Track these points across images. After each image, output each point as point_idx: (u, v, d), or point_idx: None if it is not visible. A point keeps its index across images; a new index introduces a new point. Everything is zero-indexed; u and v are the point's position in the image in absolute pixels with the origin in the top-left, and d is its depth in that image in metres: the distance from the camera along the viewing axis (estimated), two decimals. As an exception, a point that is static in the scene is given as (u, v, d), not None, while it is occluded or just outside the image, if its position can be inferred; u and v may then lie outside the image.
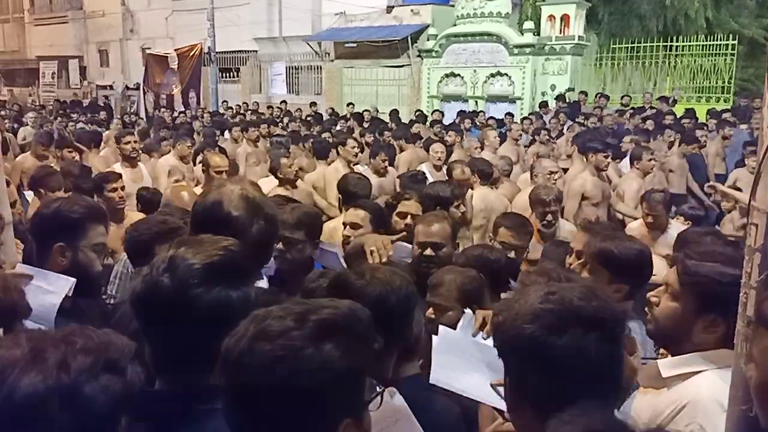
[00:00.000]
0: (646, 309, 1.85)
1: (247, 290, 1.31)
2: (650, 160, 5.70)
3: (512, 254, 3.02)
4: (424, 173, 5.13)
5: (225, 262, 1.28)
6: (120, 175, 4.34)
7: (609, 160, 5.50)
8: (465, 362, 1.73)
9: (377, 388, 1.11)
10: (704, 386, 1.62)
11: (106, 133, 8.65)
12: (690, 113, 10.36)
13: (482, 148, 7.21)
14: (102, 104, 18.80)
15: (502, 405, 1.42)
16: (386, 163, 6.05)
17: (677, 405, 1.63)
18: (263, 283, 2.46)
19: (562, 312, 1.16)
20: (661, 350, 2.04)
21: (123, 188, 4.14)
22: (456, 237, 2.93)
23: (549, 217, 3.94)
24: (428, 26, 15.05)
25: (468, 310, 1.91)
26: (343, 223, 3.14)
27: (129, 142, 5.58)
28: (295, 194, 4.74)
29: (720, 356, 1.64)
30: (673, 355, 1.75)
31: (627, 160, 7.04)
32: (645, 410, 1.70)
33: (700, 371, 1.66)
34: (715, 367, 1.65)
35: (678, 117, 10.19)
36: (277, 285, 2.56)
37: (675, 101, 11.85)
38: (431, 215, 3.05)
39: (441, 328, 1.77)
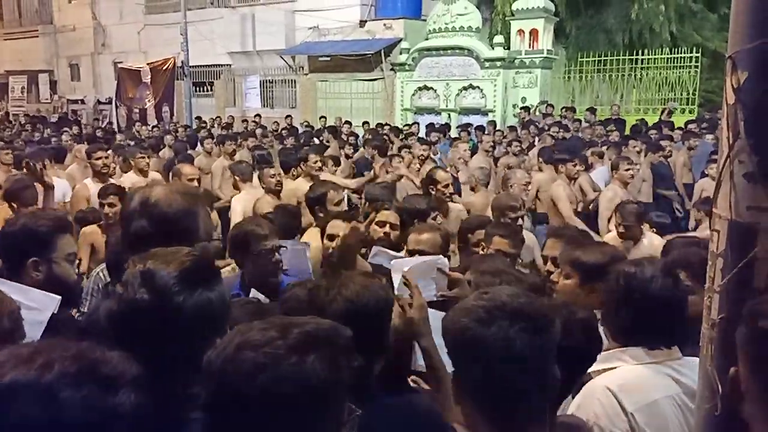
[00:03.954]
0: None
1: (221, 288, 1.33)
2: (627, 170, 5.82)
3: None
4: (393, 183, 5.17)
5: (197, 265, 1.30)
6: (118, 188, 4.28)
7: (578, 168, 5.62)
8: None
9: (354, 408, 1.13)
10: (605, 376, 1.73)
11: (75, 148, 8.49)
12: (670, 124, 10.60)
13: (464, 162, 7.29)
14: (71, 119, 18.55)
15: None
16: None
17: (583, 397, 1.73)
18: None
19: (490, 307, 1.25)
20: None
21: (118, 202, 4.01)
22: (447, 249, 2.98)
23: (520, 221, 4.00)
24: (401, 40, 15.19)
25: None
26: (328, 235, 3.13)
27: (100, 158, 5.44)
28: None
29: (637, 354, 1.77)
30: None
31: (599, 170, 7.21)
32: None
33: (617, 366, 1.77)
34: (634, 363, 1.76)
35: (644, 129, 10.46)
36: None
37: (671, 113, 12.10)
38: (425, 226, 3.14)
39: (429, 311, 1.80)
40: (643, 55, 13.98)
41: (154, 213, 1.67)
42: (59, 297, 1.90)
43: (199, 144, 10.15)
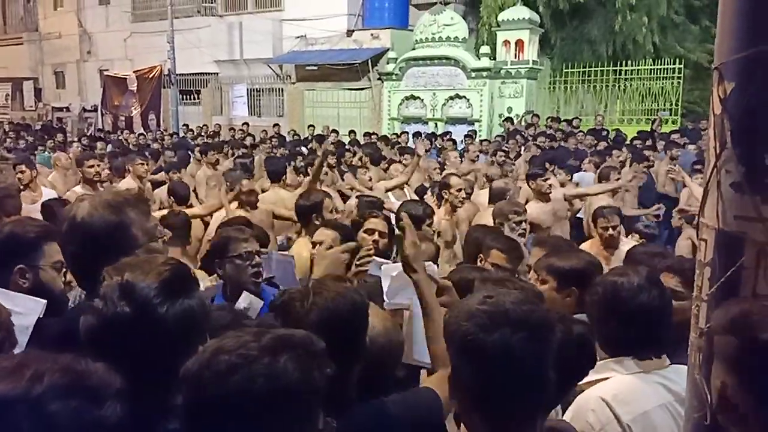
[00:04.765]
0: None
1: (201, 295, 1.34)
2: (618, 179, 5.85)
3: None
4: (380, 199, 5.10)
5: (176, 274, 1.30)
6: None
7: (549, 182, 5.53)
8: None
9: (329, 421, 1.13)
10: (598, 386, 1.73)
11: (54, 156, 8.42)
12: (644, 134, 10.76)
13: (442, 170, 7.30)
14: (56, 126, 18.41)
15: None
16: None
17: (576, 408, 1.73)
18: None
19: (493, 313, 1.26)
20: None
21: None
22: (438, 258, 2.98)
23: (524, 225, 4.00)
24: (388, 50, 15.25)
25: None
26: (312, 242, 3.15)
27: (92, 166, 5.41)
28: (254, 215, 4.73)
29: (627, 363, 1.78)
30: None
31: (584, 177, 7.26)
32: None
33: (609, 377, 1.77)
34: (625, 373, 1.76)
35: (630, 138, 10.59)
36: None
37: (660, 123, 12.23)
38: (418, 235, 3.12)
39: (415, 303, 1.82)
40: (626, 66, 14.16)
41: (81, 234, 1.67)
42: (44, 301, 1.87)
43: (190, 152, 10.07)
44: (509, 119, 13.21)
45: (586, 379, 1.76)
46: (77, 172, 6.06)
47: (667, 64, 13.79)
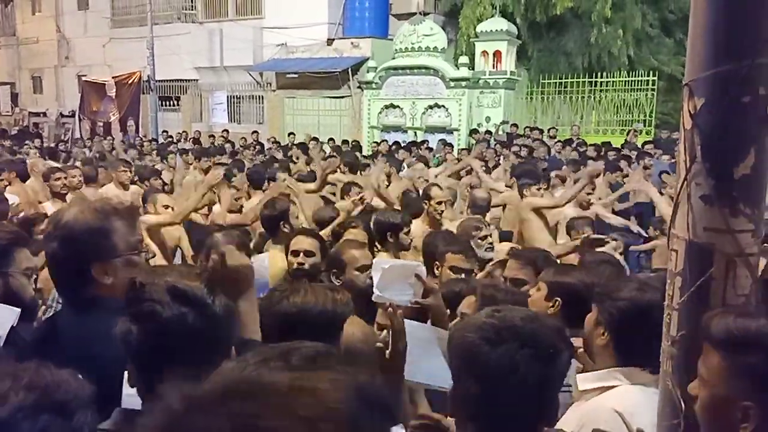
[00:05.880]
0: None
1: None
2: (588, 192, 5.91)
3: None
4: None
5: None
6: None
7: (542, 192, 5.66)
8: (426, 350, 1.77)
9: None
10: (609, 397, 1.71)
11: (31, 162, 8.26)
12: (608, 145, 10.92)
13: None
14: (32, 131, 18.13)
15: None
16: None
17: (586, 417, 1.70)
18: None
19: (501, 327, 1.26)
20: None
21: None
22: None
23: (489, 239, 4.01)
24: (368, 59, 15.31)
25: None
26: (294, 251, 3.12)
27: (59, 179, 5.29)
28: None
29: (633, 373, 1.75)
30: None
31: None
32: (567, 422, 1.80)
33: (614, 386, 1.75)
34: (629, 383, 1.74)
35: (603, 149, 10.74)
36: None
37: (636, 135, 12.37)
38: (355, 242, 3.16)
39: (406, 322, 1.81)
40: (601, 77, 14.39)
41: (63, 234, 1.67)
42: (18, 310, 1.85)
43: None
44: (476, 131, 13.32)
45: (589, 386, 1.75)
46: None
47: (642, 76, 14.06)
